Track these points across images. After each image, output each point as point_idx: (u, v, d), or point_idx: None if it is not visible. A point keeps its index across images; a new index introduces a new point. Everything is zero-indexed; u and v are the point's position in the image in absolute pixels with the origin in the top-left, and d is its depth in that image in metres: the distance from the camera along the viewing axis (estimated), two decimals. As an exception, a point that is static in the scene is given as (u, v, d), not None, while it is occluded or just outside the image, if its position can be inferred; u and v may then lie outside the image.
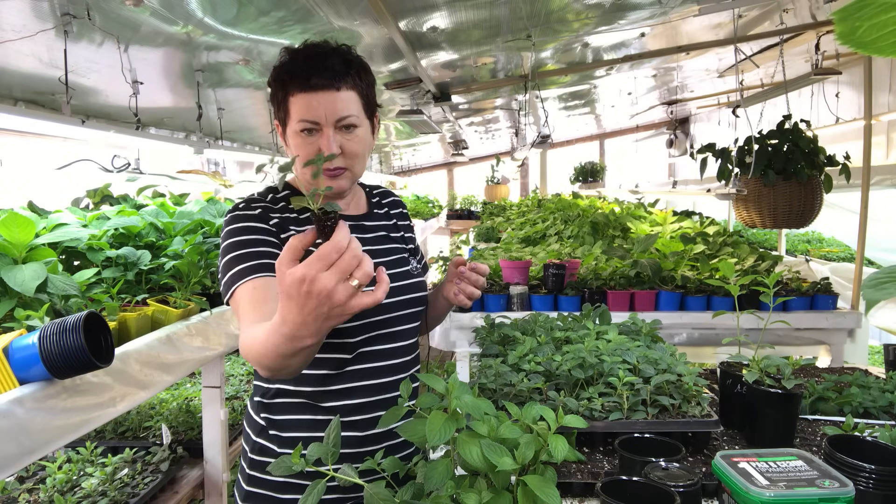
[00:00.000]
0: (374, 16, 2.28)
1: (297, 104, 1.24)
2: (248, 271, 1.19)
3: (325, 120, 1.23)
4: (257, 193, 1.35)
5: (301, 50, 1.27)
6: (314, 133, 1.25)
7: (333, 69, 1.24)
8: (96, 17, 1.90)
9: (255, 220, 1.27)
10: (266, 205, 1.31)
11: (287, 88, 1.25)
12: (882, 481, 1.13)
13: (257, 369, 1.10)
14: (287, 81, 1.25)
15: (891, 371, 2.09)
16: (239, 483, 1.41)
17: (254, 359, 1.02)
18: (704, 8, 2.58)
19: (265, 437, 1.35)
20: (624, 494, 1.02)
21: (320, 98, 1.23)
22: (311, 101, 1.23)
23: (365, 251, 1.08)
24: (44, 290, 1.64)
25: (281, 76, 1.26)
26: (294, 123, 1.25)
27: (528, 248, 4.07)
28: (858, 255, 3.07)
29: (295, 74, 1.24)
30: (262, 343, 0.97)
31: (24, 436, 1.29)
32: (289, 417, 1.33)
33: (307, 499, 0.93)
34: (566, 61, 4.02)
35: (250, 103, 3.72)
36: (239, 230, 1.25)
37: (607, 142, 10.22)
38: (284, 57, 1.28)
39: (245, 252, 1.22)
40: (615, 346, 1.65)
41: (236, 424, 2.73)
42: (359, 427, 1.33)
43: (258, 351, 0.99)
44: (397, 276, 1.41)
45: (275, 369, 1.00)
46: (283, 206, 1.32)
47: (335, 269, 0.83)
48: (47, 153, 2.92)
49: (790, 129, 3.14)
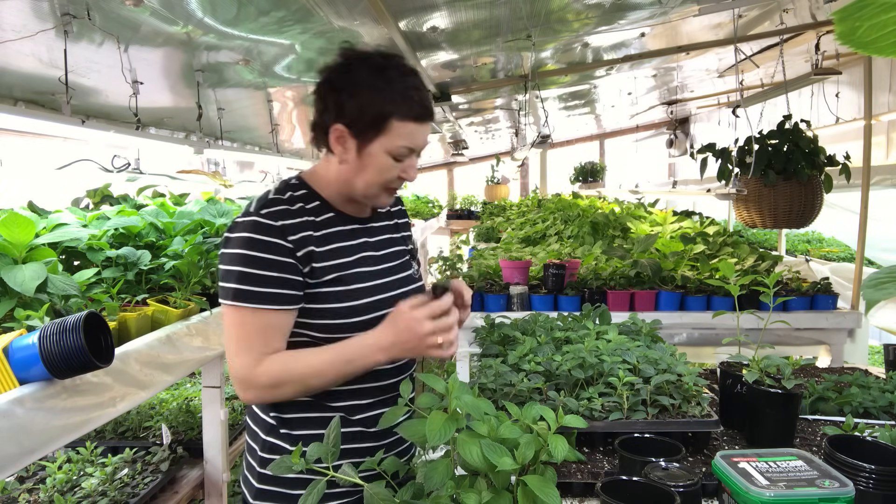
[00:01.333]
0: (374, 16, 2.28)
1: (403, 131, 1.27)
2: (264, 298, 1.22)
3: (418, 149, 1.32)
4: (274, 191, 1.34)
5: (408, 75, 1.29)
6: (402, 158, 1.30)
7: (431, 103, 1.32)
8: (96, 17, 1.90)
9: (277, 235, 1.25)
10: (287, 209, 1.30)
11: (397, 113, 1.26)
12: (882, 481, 1.13)
13: (281, 391, 1.24)
14: (400, 107, 1.26)
15: (891, 371, 2.09)
16: (248, 481, 1.40)
17: (296, 379, 1.22)
18: (704, 8, 2.58)
19: (275, 436, 1.36)
20: (624, 494, 1.02)
21: (423, 130, 1.31)
22: (416, 133, 1.29)
23: (369, 256, 1.36)
24: (44, 290, 1.64)
25: (388, 99, 1.25)
26: (388, 144, 1.27)
27: (528, 248, 4.07)
28: (858, 255, 3.07)
29: (405, 102, 1.26)
30: (320, 365, 1.23)
31: (24, 436, 1.29)
32: (299, 416, 1.34)
33: (307, 498, 0.93)
34: (566, 61, 4.02)
35: (250, 103, 3.72)
36: (260, 244, 1.24)
37: (607, 142, 10.21)
38: (384, 77, 1.27)
39: (263, 275, 1.23)
40: (615, 346, 1.65)
41: (236, 424, 2.73)
42: (366, 424, 1.36)
43: (310, 373, 1.22)
44: (400, 281, 1.43)
45: (312, 389, 1.23)
46: (300, 208, 1.32)
47: (434, 324, 1.19)
48: (47, 153, 2.92)
49: (790, 129, 3.14)
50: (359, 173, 1.30)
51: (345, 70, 1.28)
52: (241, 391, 1.24)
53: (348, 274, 1.33)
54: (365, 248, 1.39)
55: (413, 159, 1.32)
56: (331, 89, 1.29)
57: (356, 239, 1.39)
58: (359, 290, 1.33)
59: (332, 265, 1.31)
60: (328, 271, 1.30)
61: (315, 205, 1.35)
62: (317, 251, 1.30)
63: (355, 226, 1.40)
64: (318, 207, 1.35)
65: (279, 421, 1.36)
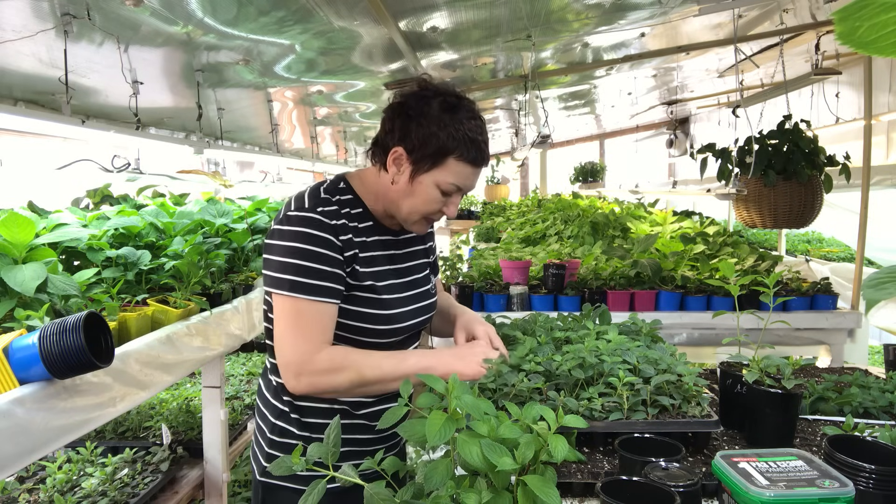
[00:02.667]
0: (374, 16, 2.28)
1: (458, 170, 1.35)
2: (324, 291, 1.30)
3: (465, 190, 1.40)
4: (324, 190, 1.40)
5: (462, 109, 1.35)
6: (449, 194, 1.37)
7: (489, 151, 1.40)
8: (96, 17, 1.89)
9: (331, 232, 1.33)
10: (337, 209, 1.36)
11: (451, 148, 1.32)
12: (882, 481, 1.13)
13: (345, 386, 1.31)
14: (455, 143, 1.32)
15: (891, 371, 2.09)
16: (257, 458, 1.48)
17: (354, 366, 1.29)
18: (704, 8, 2.57)
19: (285, 420, 1.43)
20: (624, 494, 1.02)
21: (475, 174, 1.39)
22: (469, 175, 1.37)
23: (396, 269, 1.47)
24: (44, 290, 1.64)
25: (448, 132, 1.31)
26: (440, 178, 1.34)
27: (528, 248, 4.07)
28: (858, 255, 3.07)
29: (466, 144, 1.33)
30: (379, 357, 1.33)
31: (24, 436, 1.29)
32: (310, 404, 1.42)
33: (307, 498, 0.93)
34: (566, 61, 4.02)
35: (250, 103, 3.72)
36: (317, 240, 1.31)
37: (607, 142, 10.21)
38: (437, 101, 1.34)
39: (320, 269, 1.31)
40: (615, 346, 1.64)
41: (236, 424, 2.73)
42: (369, 418, 1.45)
43: (368, 363, 1.30)
44: (423, 294, 1.52)
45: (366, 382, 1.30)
46: (346, 212, 1.39)
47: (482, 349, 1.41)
48: (47, 153, 2.92)
49: (790, 129, 3.14)
50: (406, 197, 1.37)
51: (419, 99, 1.35)
52: (295, 377, 1.28)
53: (381, 284, 1.41)
54: (393, 260, 1.47)
55: (458, 197, 1.40)
56: (401, 114, 1.35)
57: (388, 250, 1.47)
58: (388, 300, 1.41)
59: (369, 272, 1.39)
60: (365, 277, 1.38)
61: (358, 211, 1.42)
62: (359, 255, 1.38)
63: (388, 237, 1.47)
64: (360, 214, 1.42)
65: (291, 406, 1.43)
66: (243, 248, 2.87)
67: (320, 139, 5.70)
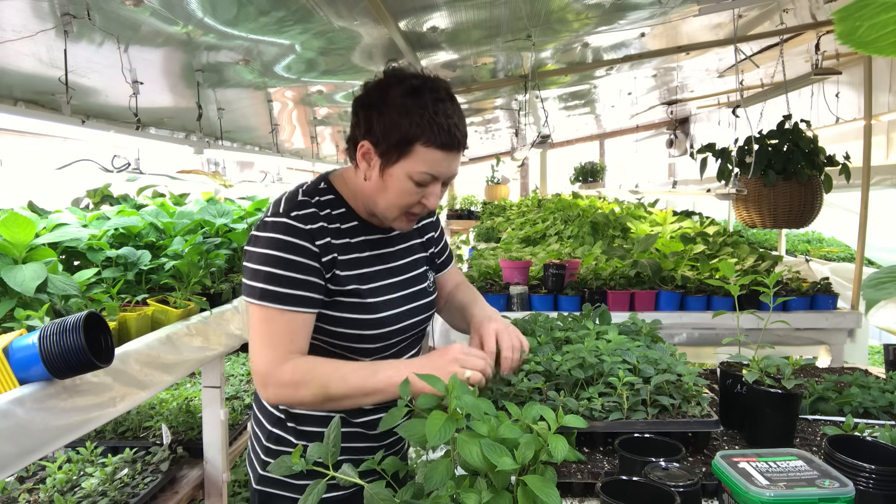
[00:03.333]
0: (374, 16, 2.28)
1: (426, 157, 1.24)
2: (293, 300, 1.24)
3: (443, 177, 1.30)
4: (303, 192, 1.34)
5: (426, 91, 1.25)
6: (424, 184, 1.28)
7: (462, 132, 1.28)
8: (96, 17, 1.90)
9: (306, 238, 1.27)
10: (317, 212, 1.31)
11: (422, 137, 1.23)
12: (882, 481, 1.13)
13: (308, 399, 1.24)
14: (424, 132, 1.23)
15: (891, 371, 2.09)
16: (253, 466, 1.45)
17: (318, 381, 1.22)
18: (704, 8, 2.57)
19: (282, 428, 1.40)
20: (624, 494, 1.02)
21: (449, 159, 1.27)
22: (441, 161, 1.26)
23: (387, 269, 1.40)
24: (44, 290, 1.64)
25: (416, 118, 1.23)
26: (410, 168, 1.25)
27: (528, 248, 4.07)
28: (858, 255, 3.07)
29: (438, 132, 1.23)
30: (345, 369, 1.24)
31: (24, 436, 1.29)
32: (307, 412, 1.38)
33: (307, 498, 0.93)
34: (566, 61, 4.02)
35: (250, 103, 3.72)
36: (289, 246, 1.26)
37: (607, 142, 10.21)
38: (399, 88, 1.25)
39: (291, 277, 1.25)
40: (615, 346, 1.64)
41: (236, 424, 2.73)
42: (367, 426, 1.41)
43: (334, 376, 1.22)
44: (417, 294, 1.45)
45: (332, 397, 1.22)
46: (327, 213, 1.33)
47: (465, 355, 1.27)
48: (47, 153, 2.92)
49: (790, 129, 3.14)
50: (380, 193, 1.30)
51: (380, 88, 1.27)
52: (262, 387, 1.25)
53: (366, 288, 1.35)
54: (384, 259, 1.41)
55: (436, 187, 1.30)
56: (363, 105, 1.29)
57: (376, 250, 1.40)
58: (375, 304, 1.35)
59: (352, 275, 1.33)
60: (347, 281, 1.32)
61: (341, 211, 1.36)
62: (339, 259, 1.32)
63: (378, 236, 1.41)
64: (343, 214, 1.36)
65: (287, 415, 1.39)
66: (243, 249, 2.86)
67: (320, 139, 5.70)
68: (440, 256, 1.62)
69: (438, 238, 1.62)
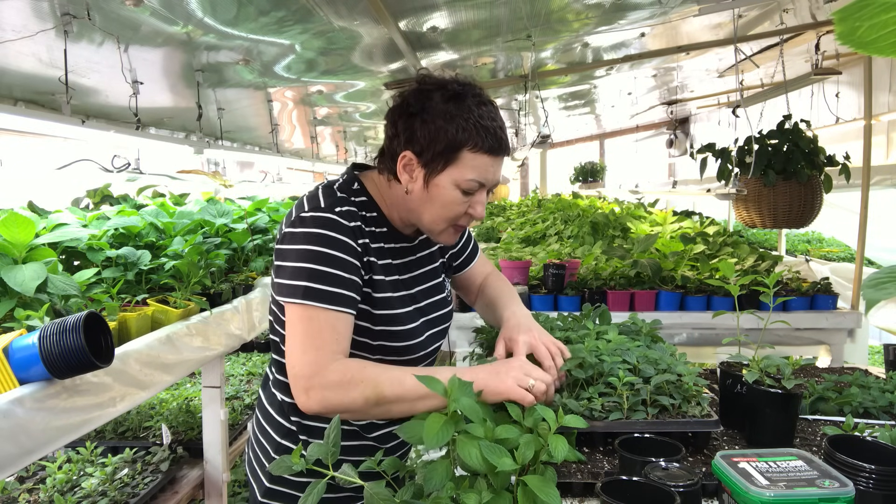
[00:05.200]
0: (374, 16, 2.28)
1: (475, 163, 1.20)
2: (338, 300, 1.17)
3: (488, 184, 1.25)
4: (339, 189, 1.29)
5: (468, 96, 1.22)
6: (471, 192, 1.24)
7: (507, 136, 1.25)
8: (96, 17, 1.90)
9: (350, 235, 1.22)
10: (356, 211, 1.26)
11: (463, 141, 1.19)
12: (882, 481, 1.13)
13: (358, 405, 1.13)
14: (466, 135, 1.19)
15: (891, 371, 2.09)
16: (258, 478, 1.39)
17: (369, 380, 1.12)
18: (704, 8, 2.58)
19: (292, 440, 1.34)
20: (624, 494, 1.02)
21: (496, 164, 1.23)
22: (489, 166, 1.22)
23: (411, 278, 1.35)
24: (44, 290, 1.64)
25: (456, 124, 1.19)
26: (458, 175, 1.21)
27: (528, 248, 4.07)
28: (858, 255, 3.07)
29: (479, 133, 1.20)
30: (399, 371, 1.15)
31: (24, 436, 1.29)
32: (322, 425, 1.31)
33: (307, 498, 0.93)
34: (566, 61, 4.02)
35: (250, 103, 3.72)
36: (335, 243, 1.20)
37: (607, 142, 10.22)
38: (441, 93, 1.21)
39: (336, 274, 1.18)
40: (615, 346, 1.64)
41: (236, 424, 2.73)
42: (379, 441, 1.36)
43: (386, 377, 1.13)
44: (440, 303, 1.42)
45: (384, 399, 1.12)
46: (363, 215, 1.28)
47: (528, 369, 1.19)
48: (47, 153, 2.92)
49: (790, 129, 3.14)
50: (424, 205, 1.24)
51: (420, 95, 1.22)
52: (304, 392, 1.13)
53: (396, 296, 1.31)
54: (409, 268, 1.38)
55: (482, 195, 1.25)
56: (403, 114, 1.23)
57: (403, 257, 1.37)
58: (402, 314, 1.30)
59: (385, 281, 1.29)
60: (380, 287, 1.27)
61: (373, 215, 1.31)
62: (375, 262, 1.27)
63: (404, 244, 1.37)
64: (375, 219, 1.31)
65: (300, 427, 1.33)
66: (243, 248, 2.87)
67: (320, 139, 5.70)
68: (459, 257, 1.57)
69: (463, 246, 1.57)
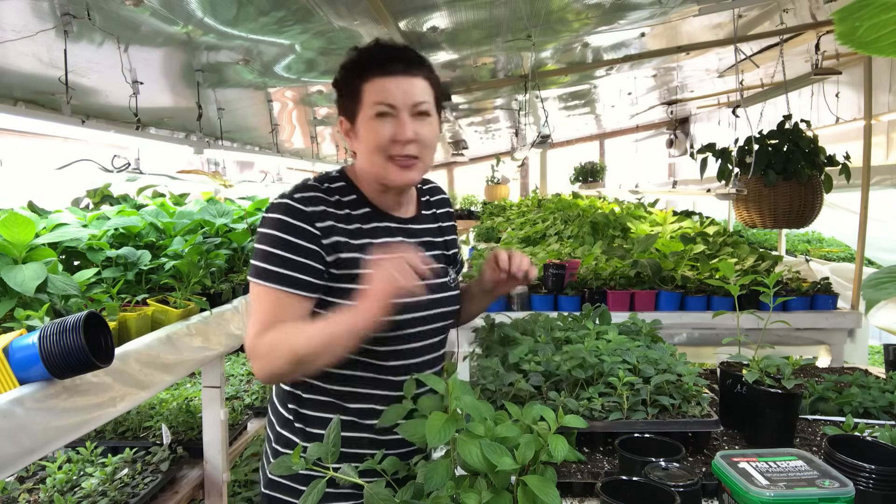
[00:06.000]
0: (374, 16, 2.28)
1: (373, 89, 1.25)
2: (284, 280, 1.23)
3: (401, 103, 1.26)
4: (313, 179, 1.36)
5: (373, 44, 1.31)
6: (388, 118, 1.26)
7: (409, 58, 1.28)
8: (96, 17, 1.90)
9: (305, 220, 1.27)
10: (323, 196, 1.31)
11: (363, 75, 1.26)
12: (882, 481, 1.13)
13: (285, 367, 1.20)
14: (363, 68, 1.27)
15: (891, 371, 2.09)
16: (263, 469, 1.43)
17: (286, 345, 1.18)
18: (704, 8, 2.58)
19: (290, 430, 1.37)
20: (624, 494, 1.02)
21: (398, 82, 1.26)
22: (388, 85, 1.25)
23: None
24: (44, 290, 1.64)
25: (355, 65, 1.28)
26: (368, 108, 1.26)
27: (528, 248, 4.07)
28: (858, 255, 3.07)
29: (372, 61, 1.26)
30: (310, 329, 1.19)
31: (24, 436, 1.29)
32: (316, 414, 1.35)
33: (307, 498, 0.93)
34: (566, 61, 4.02)
35: (250, 103, 3.73)
36: (288, 227, 1.26)
37: (607, 142, 10.21)
38: (355, 53, 1.31)
39: (285, 257, 1.24)
40: (615, 346, 1.64)
41: (236, 424, 2.73)
42: (382, 432, 1.34)
43: (299, 337, 1.18)
44: (435, 287, 1.40)
45: (304, 361, 1.18)
46: (337, 200, 1.32)
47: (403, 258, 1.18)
48: (47, 153, 2.92)
49: (790, 129, 3.14)
50: (362, 153, 1.31)
51: (339, 73, 1.33)
52: (253, 365, 1.24)
53: (361, 273, 1.29)
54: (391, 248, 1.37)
55: (402, 117, 1.26)
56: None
57: (393, 236, 1.37)
58: None
59: (360, 259, 1.30)
60: (354, 264, 1.29)
61: (352, 198, 1.35)
62: (346, 242, 1.29)
63: (393, 224, 1.39)
64: (355, 201, 1.35)
65: (296, 415, 1.36)
66: (243, 248, 2.87)
67: (320, 139, 5.70)
68: (458, 267, 1.60)
69: (454, 242, 1.59)
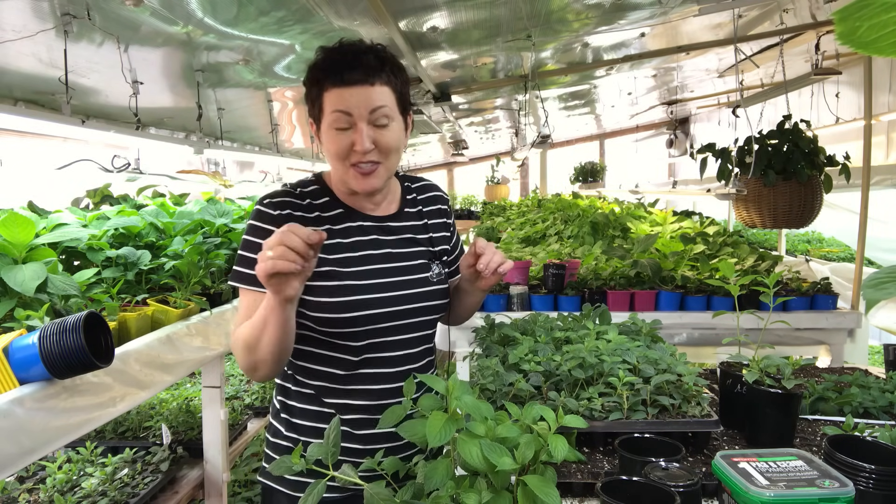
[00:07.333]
0: (374, 16, 2.28)
1: (330, 98, 1.27)
2: (253, 280, 1.26)
3: (358, 113, 1.26)
4: (289, 184, 1.41)
5: (336, 48, 1.31)
6: (347, 128, 1.28)
7: (367, 65, 1.27)
8: (96, 17, 1.90)
9: (270, 222, 1.32)
10: (292, 201, 1.35)
11: (322, 84, 1.28)
12: (882, 481, 1.13)
13: (245, 357, 1.26)
14: (321, 78, 1.28)
15: (891, 371, 2.09)
16: (265, 458, 1.49)
17: (239, 337, 1.26)
18: (704, 8, 2.57)
19: (278, 420, 1.43)
20: (624, 494, 1.02)
21: (353, 92, 1.26)
22: (344, 95, 1.26)
23: (379, 254, 1.38)
24: (44, 290, 1.64)
25: (315, 73, 1.29)
26: (327, 117, 1.28)
27: (528, 248, 4.07)
28: (858, 255, 3.07)
29: (329, 70, 1.27)
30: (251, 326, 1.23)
31: (24, 436, 1.29)
32: (299, 406, 1.40)
33: (307, 498, 0.93)
34: (566, 61, 4.02)
35: (250, 103, 3.73)
36: (256, 230, 1.33)
37: (607, 142, 10.22)
38: (319, 55, 1.31)
39: (251, 258, 1.30)
40: (615, 346, 1.64)
41: (236, 424, 2.73)
42: (357, 426, 1.35)
43: (246, 329, 1.24)
44: (411, 282, 1.40)
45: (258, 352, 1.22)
46: (308, 204, 1.37)
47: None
48: (47, 153, 2.92)
49: (790, 129, 3.14)
50: (328, 158, 1.34)
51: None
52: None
53: (345, 271, 1.33)
54: (375, 245, 1.38)
55: (359, 126, 1.26)
56: None
57: (366, 235, 1.39)
58: (352, 286, 1.32)
59: (329, 258, 1.33)
60: (323, 263, 1.32)
61: (325, 200, 1.39)
62: None
63: (367, 223, 1.40)
64: (327, 203, 1.39)
65: (282, 406, 1.43)
66: (243, 248, 2.86)
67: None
68: (453, 265, 1.56)
69: (446, 238, 1.54)
